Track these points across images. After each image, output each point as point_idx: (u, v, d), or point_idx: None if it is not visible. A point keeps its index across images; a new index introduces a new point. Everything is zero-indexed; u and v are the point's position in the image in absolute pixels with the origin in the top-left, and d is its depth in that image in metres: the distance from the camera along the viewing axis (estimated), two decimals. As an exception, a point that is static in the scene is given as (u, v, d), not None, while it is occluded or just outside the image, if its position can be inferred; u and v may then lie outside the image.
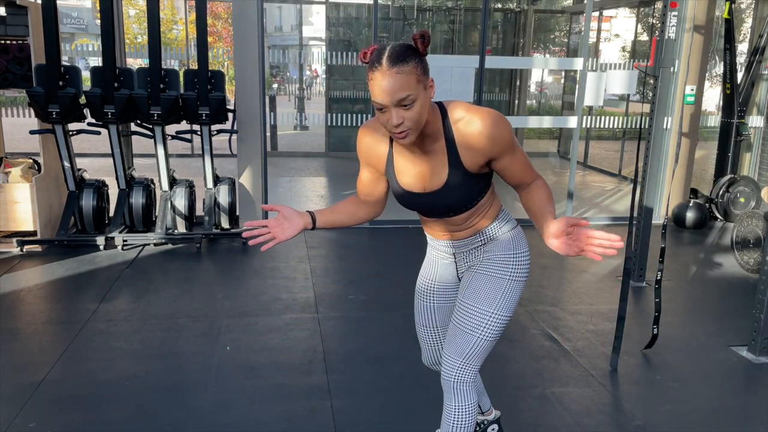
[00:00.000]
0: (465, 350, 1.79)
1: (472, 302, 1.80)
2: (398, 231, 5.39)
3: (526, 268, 1.91)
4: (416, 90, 1.51)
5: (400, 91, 1.50)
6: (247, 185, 5.38)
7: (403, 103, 1.51)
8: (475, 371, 1.82)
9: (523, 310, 3.79)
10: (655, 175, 4.24)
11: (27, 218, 4.71)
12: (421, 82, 1.53)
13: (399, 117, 1.53)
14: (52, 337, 3.33)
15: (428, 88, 1.56)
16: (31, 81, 4.65)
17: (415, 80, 1.51)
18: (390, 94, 1.50)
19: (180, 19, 17.97)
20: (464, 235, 1.85)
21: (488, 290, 1.81)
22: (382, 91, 1.50)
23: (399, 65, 1.49)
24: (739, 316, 3.78)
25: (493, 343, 1.82)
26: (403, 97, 1.50)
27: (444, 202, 1.74)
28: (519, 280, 1.86)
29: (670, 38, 3.98)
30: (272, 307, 3.76)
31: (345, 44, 9.69)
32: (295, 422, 2.57)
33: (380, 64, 1.50)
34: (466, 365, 1.80)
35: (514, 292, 1.84)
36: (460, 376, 1.80)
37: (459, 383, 1.80)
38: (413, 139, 1.60)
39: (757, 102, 6.35)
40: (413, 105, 1.52)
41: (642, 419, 2.66)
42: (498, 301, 1.80)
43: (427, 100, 1.57)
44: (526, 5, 9.75)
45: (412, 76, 1.50)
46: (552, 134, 11.61)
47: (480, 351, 1.80)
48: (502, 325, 1.81)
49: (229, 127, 5.14)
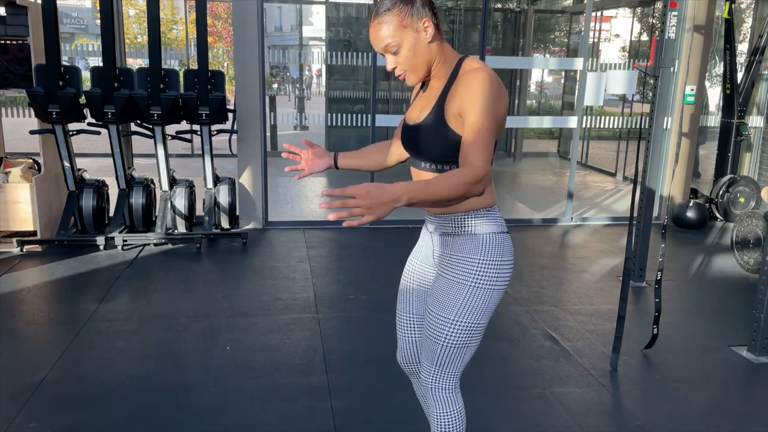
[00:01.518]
0: (434, 357, 1.75)
1: (433, 308, 1.73)
2: (398, 231, 5.39)
3: (495, 276, 1.69)
4: (399, 36, 1.58)
5: (382, 40, 1.59)
6: (247, 185, 5.38)
7: (389, 50, 1.61)
8: (452, 378, 1.77)
9: (523, 310, 3.79)
10: (655, 175, 4.24)
11: (27, 218, 4.71)
12: (408, 27, 1.58)
13: (391, 62, 1.64)
14: (52, 337, 3.33)
15: (420, 30, 1.60)
16: (31, 81, 4.65)
17: (397, 26, 1.58)
18: (374, 43, 1.62)
19: (180, 19, 17.97)
20: (437, 209, 1.73)
21: (449, 296, 1.70)
22: (371, 40, 1.62)
23: (381, 15, 1.59)
24: (739, 316, 3.78)
25: (465, 349, 1.74)
26: (385, 44, 1.60)
27: (415, 140, 1.70)
28: (483, 287, 1.68)
29: (670, 38, 3.98)
30: (272, 307, 3.76)
31: (345, 44, 9.69)
32: (295, 422, 2.57)
33: (371, 17, 1.62)
34: (441, 372, 1.76)
35: (477, 298, 1.68)
36: (436, 383, 1.77)
37: (436, 390, 1.78)
38: (415, 80, 1.67)
39: (757, 102, 6.36)
40: (400, 50, 1.60)
41: (642, 419, 2.66)
42: (458, 308, 1.69)
43: (419, 41, 1.60)
44: (526, 5, 9.75)
45: (394, 23, 1.58)
46: (552, 134, 11.61)
47: (450, 358, 1.74)
48: (468, 332, 1.70)
49: (229, 127, 5.14)
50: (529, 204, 6.72)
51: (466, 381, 1.94)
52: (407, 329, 1.94)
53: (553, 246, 5.25)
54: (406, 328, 1.94)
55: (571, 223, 5.91)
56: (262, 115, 5.29)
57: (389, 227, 5.48)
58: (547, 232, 5.63)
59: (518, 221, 5.91)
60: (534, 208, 6.53)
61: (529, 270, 4.54)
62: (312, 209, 6.41)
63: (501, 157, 10.01)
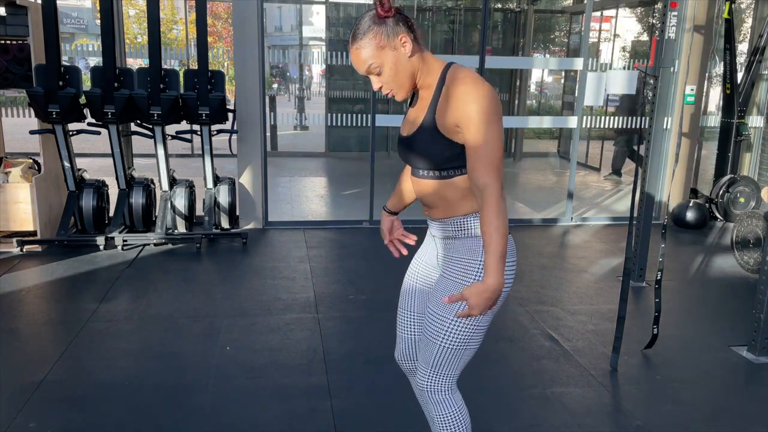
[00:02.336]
0: (431, 359, 1.74)
1: (433, 307, 1.73)
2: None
3: None
4: (379, 57, 1.61)
5: (364, 63, 1.63)
6: (247, 185, 5.38)
7: (372, 72, 1.64)
8: (448, 380, 1.76)
9: (523, 310, 3.79)
10: (655, 175, 4.24)
11: (27, 218, 4.71)
12: (386, 47, 1.60)
13: (376, 83, 1.67)
14: (52, 337, 3.33)
15: (398, 47, 1.61)
16: (31, 81, 4.65)
17: (375, 48, 1.60)
18: (357, 67, 1.65)
19: (180, 19, 17.97)
20: (437, 214, 1.73)
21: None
22: (354, 65, 1.66)
23: (358, 40, 1.61)
24: (739, 316, 3.78)
25: (463, 351, 1.73)
26: (367, 66, 1.63)
27: (410, 151, 1.71)
28: None
29: (670, 38, 3.98)
30: (272, 307, 3.76)
31: (345, 44, 9.68)
32: (295, 422, 2.57)
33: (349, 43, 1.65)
34: (437, 374, 1.75)
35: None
36: (432, 385, 1.77)
37: (432, 392, 1.77)
38: (403, 95, 1.69)
39: (757, 102, 6.36)
40: (382, 70, 1.63)
41: (642, 419, 2.66)
42: (458, 307, 1.67)
43: (399, 58, 1.62)
44: (526, 5, 9.75)
45: (371, 45, 1.60)
46: (552, 134, 11.61)
47: (447, 359, 1.73)
48: (468, 332, 1.69)
49: (229, 127, 5.14)
50: (529, 204, 6.72)
51: (466, 381, 1.94)
52: (407, 326, 1.95)
53: (553, 246, 5.25)
54: (405, 325, 1.95)
55: (571, 223, 5.91)
56: (262, 115, 5.29)
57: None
58: (547, 232, 5.63)
59: (518, 221, 5.91)
60: (534, 208, 6.53)
61: (529, 270, 4.54)
62: (312, 209, 6.42)
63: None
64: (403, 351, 1.97)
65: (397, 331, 1.98)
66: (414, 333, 1.94)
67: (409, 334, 1.95)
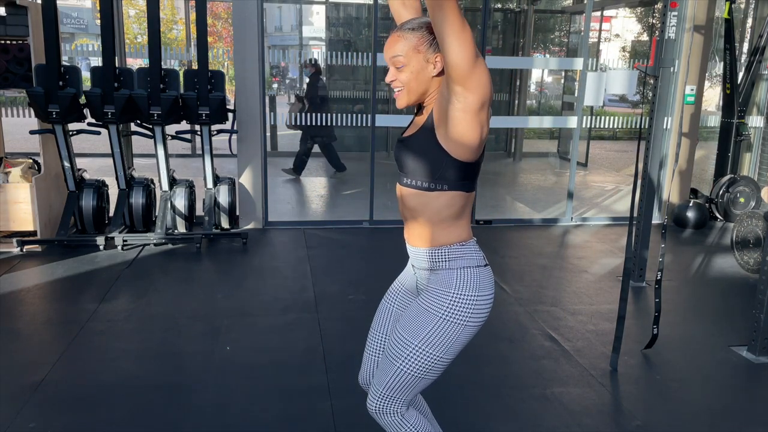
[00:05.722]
0: (386, 380, 1.71)
1: (400, 330, 1.70)
2: (398, 231, 5.37)
3: (470, 312, 1.66)
4: (410, 57, 1.60)
5: (394, 52, 1.61)
6: (247, 185, 5.38)
7: (395, 63, 1.62)
8: (398, 405, 1.73)
9: (523, 310, 3.79)
10: (655, 175, 4.24)
11: (27, 218, 4.71)
12: (421, 53, 1.60)
13: (392, 75, 1.65)
14: (52, 337, 3.33)
15: (431, 62, 1.60)
16: (31, 81, 4.65)
17: (412, 47, 1.60)
18: (386, 51, 1.64)
19: (180, 19, 17.96)
20: (415, 241, 1.72)
21: (417, 322, 1.68)
22: (385, 47, 1.65)
23: (404, 31, 1.61)
24: (739, 316, 3.78)
25: (420, 381, 1.70)
26: (394, 56, 1.61)
27: (405, 150, 1.68)
28: (454, 322, 1.65)
29: (670, 38, 3.98)
30: (272, 307, 3.76)
31: (345, 44, 9.69)
32: (295, 422, 2.57)
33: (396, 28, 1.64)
34: (387, 396, 1.72)
35: (445, 331, 1.65)
36: (381, 408, 1.73)
37: (381, 414, 1.74)
38: (405, 102, 1.67)
39: (757, 102, 6.35)
40: (404, 69, 1.62)
41: (642, 419, 2.66)
42: (425, 335, 1.65)
43: (424, 70, 1.61)
44: (526, 5, 9.75)
45: (411, 43, 1.60)
46: (552, 134, 11.61)
47: (402, 383, 1.70)
48: (427, 362, 1.67)
49: (229, 127, 5.14)
50: (529, 204, 6.72)
51: (466, 381, 1.93)
52: (375, 349, 1.91)
53: (553, 246, 5.25)
54: (373, 348, 1.91)
55: (571, 223, 5.91)
56: (262, 115, 5.29)
57: (389, 227, 5.48)
58: (547, 232, 5.63)
59: (518, 221, 5.91)
60: (534, 208, 6.53)
61: (529, 270, 4.54)
62: (312, 209, 6.42)
63: (501, 157, 10.02)
64: (368, 373, 1.93)
65: (365, 352, 1.94)
66: (377, 359, 1.90)
67: (376, 357, 1.90)
